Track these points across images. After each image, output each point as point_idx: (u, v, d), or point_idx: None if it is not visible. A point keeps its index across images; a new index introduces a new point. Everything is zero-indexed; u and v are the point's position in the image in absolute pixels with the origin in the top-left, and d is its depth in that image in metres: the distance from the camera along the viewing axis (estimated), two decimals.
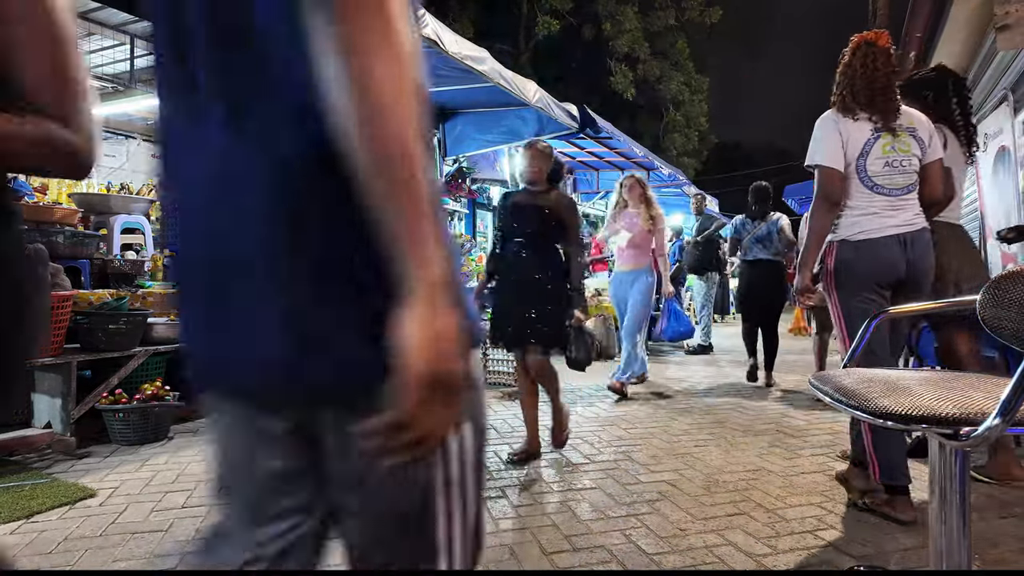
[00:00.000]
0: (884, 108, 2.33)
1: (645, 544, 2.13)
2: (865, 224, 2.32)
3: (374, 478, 0.71)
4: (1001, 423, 0.98)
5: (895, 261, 2.27)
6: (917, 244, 2.29)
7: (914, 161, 2.35)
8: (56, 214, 4.17)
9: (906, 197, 2.33)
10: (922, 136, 2.38)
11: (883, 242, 2.28)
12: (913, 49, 5.82)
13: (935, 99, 2.73)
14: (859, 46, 2.41)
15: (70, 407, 3.28)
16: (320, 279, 0.65)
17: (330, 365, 0.66)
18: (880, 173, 2.32)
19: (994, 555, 2.05)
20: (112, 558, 2.04)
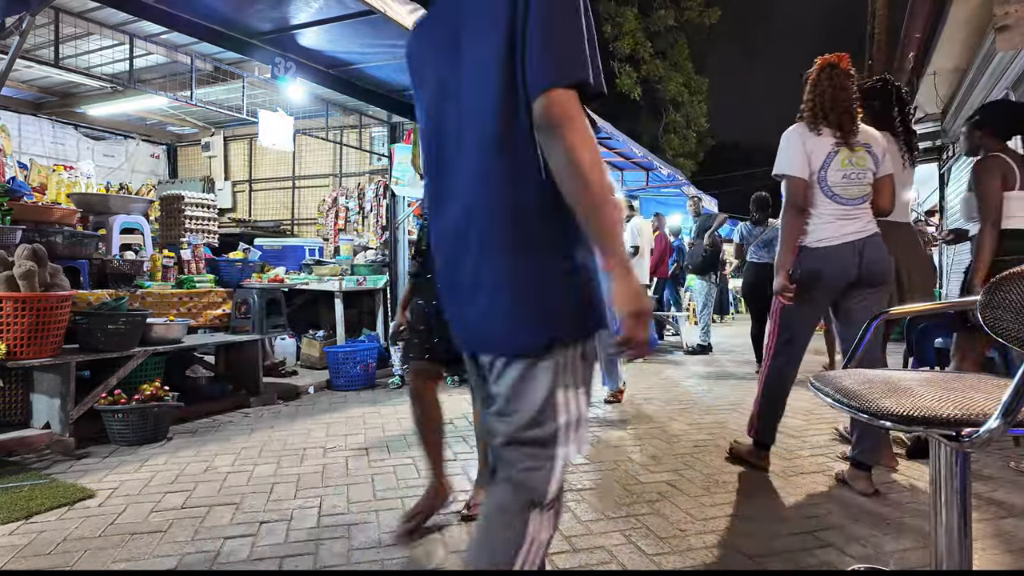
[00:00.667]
0: (847, 126, 2.59)
1: (645, 545, 2.13)
2: (824, 231, 2.60)
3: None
4: (1002, 424, 0.98)
5: (848, 266, 2.56)
6: (869, 248, 2.56)
7: (868, 175, 2.61)
8: (55, 214, 4.17)
9: (861, 206, 2.61)
10: (877, 152, 2.64)
11: (839, 248, 2.56)
12: (912, 49, 5.83)
13: (881, 108, 2.96)
14: (825, 67, 2.66)
15: (69, 407, 3.28)
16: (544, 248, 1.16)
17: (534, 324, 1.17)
18: (838, 184, 2.58)
19: (994, 555, 2.05)
20: (111, 559, 2.04)
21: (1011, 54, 4.29)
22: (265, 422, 3.95)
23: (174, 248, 5.36)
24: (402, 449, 3.31)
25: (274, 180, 8.17)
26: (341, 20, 4.00)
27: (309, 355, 5.83)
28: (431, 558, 2.06)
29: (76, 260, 4.07)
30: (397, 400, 4.64)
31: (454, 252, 1.23)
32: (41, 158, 6.80)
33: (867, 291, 2.61)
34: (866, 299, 2.62)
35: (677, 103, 20.17)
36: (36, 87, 6.42)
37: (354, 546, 2.12)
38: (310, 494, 2.63)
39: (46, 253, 3.36)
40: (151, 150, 8.41)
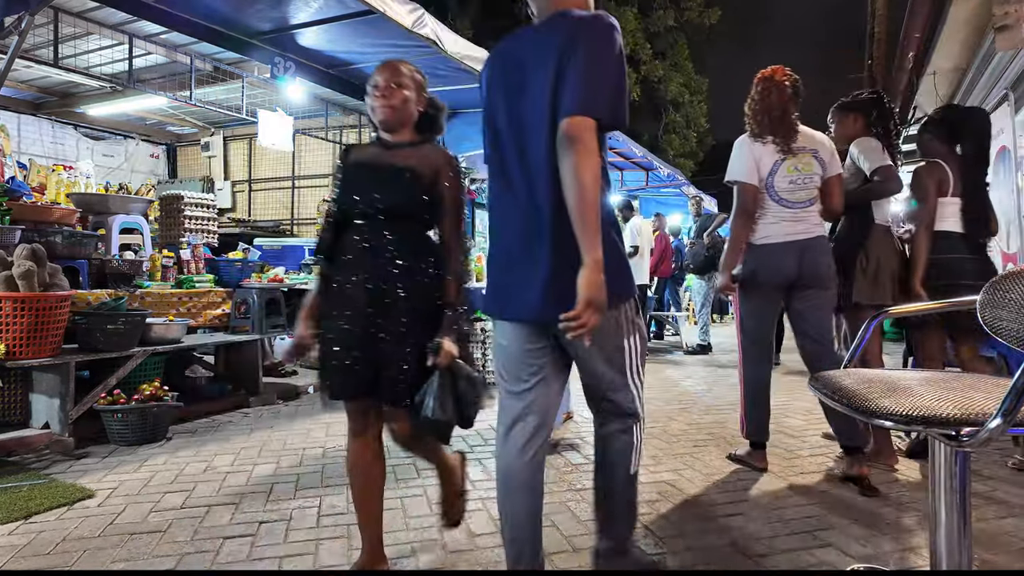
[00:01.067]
0: (783, 132, 2.74)
1: (644, 544, 2.13)
2: (769, 230, 2.76)
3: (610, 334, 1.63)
4: (1002, 424, 0.98)
5: (788, 265, 2.71)
6: (809, 250, 2.71)
7: (815, 178, 2.75)
8: (54, 214, 4.17)
9: (807, 209, 2.76)
10: (823, 156, 2.77)
11: (780, 247, 2.73)
12: (912, 49, 5.83)
13: (878, 118, 3.03)
14: (759, 81, 2.85)
15: (68, 407, 3.27)
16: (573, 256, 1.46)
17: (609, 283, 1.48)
18: (785, 189, 2.74)
19: (994, 555, 2.05)
20: (110, 559, 2.04)
21: (1010, 54, 4.29)
22: (264, 422, 3.95)
23: (173, 248, 5.36)
24: (400, 449, 3.30)
25: (274, 180, 8.16)
26: (340, 20, 4.00)
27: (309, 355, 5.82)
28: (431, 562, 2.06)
29: (75, 260, 4.06)
30: None
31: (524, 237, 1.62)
32: (40, 158, 6.79)
33: (813, 292, 2.75)
34: (813, 300, 2.75)
35: (677, 103, 20.17)
36: (35, 87, 6.42)
37: (354, 546, 2.12)
38: (309, 494, 2.63)
39: (45, 253, 3.36)
40: (150, 150, 8.40)
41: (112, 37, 4.78)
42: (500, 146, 1.68)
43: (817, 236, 2.76)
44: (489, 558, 2.03)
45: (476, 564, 2.00)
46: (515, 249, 1.65)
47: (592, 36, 1.49)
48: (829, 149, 2.81)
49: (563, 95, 1.46)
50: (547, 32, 1.57)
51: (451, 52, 4.09)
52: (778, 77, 2.81)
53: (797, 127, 2.78)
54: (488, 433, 3.64)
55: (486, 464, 3.03)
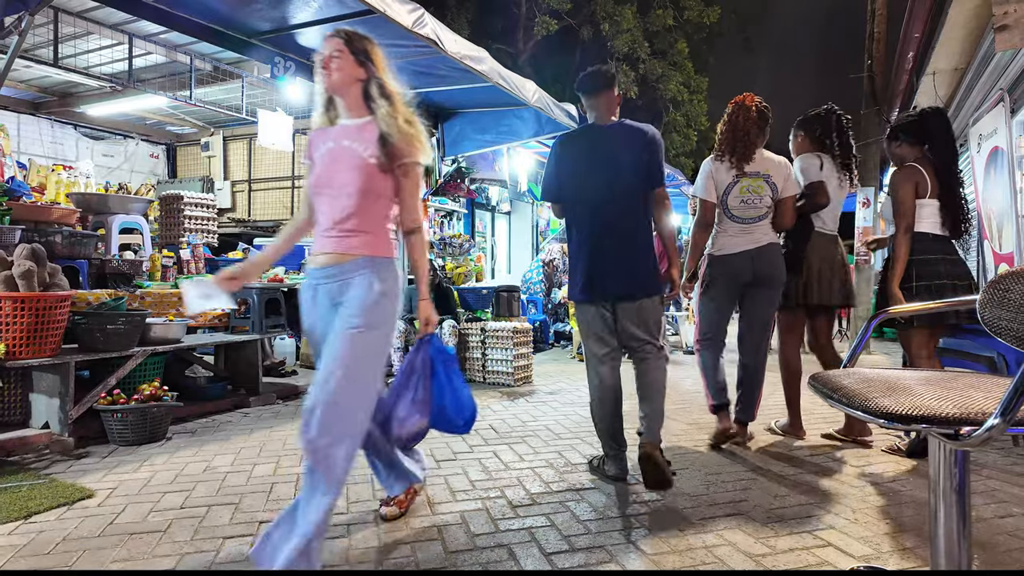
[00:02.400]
0: (742, 153, 3.14)
1: (644, 544, 2.13)
2: (724, 243, 3.24)
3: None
4: (1001, 423, 0.98)
5: (743, 270, 3.20)
6: (760, 257, 3.17)
7: (765, 199, 3.17)
8: (54, 214, 4.17)
9: (756, 224, 3.19)
10: (776, 181, 3.16)
11: (735, 257, 3.20)
12: (912, 49, 5.84)
13: (822, 133, 3.41)
14: (731, 104, 3.23)
15: (68, 407, 3.27)
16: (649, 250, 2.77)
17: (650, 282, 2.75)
18: (737, 207, 3.19)
19: (994, 555, 2.05)
20: (110, 559, 2.04)
21: (1009, 54, 4.30)
22: (264, 422, 3.95)
23: (173, 248, 5.36)
24: None
25: (273, 180, 8.16)
26: (341, 20, 4.00)
27: (308, 355, 5.83)
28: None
29: (75, 260, 4.07)
30: None
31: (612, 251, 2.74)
32: (40, 158, 6.79)
33: (761, 290, 3.23)
34: (761, 296, 3.25)
35: (677, 102, 20.17)
36: (35, 87, 6.42)
37: (353, 545, 2.12)
38: None
39: (45, 253, 3.36)
40: (150, 150, 8.40)
41: (112, 37, 4.78)
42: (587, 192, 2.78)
43: (767, 244, 3.19)
44: (489, 558, 2.03)
45: (475, 564, 2.00)
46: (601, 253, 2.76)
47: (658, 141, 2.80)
48: (783, 174, 3.18)
49: (652, 175, 2.76)
50: (626, 132, 2.81)
51: (451, 52, 4.09)
52: (747, 103, 3.17)
53: (755, 150, 3.16)
54: (487, 433, 3.64)
55: (486, 464, 3.03)
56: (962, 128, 6.08)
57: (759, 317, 3.28)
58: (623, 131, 2.79)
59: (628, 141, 2.75)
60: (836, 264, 3.35)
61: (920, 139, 3.16)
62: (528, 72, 14.90)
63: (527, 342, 5.45)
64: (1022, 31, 3.26)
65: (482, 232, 9.70)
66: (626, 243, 2.72)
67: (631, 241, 2.72)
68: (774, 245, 3.21)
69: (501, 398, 4.71)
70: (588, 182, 2.76)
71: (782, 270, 3.22)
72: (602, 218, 2.74)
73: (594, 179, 2.75)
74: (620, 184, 2.72)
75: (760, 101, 3.17)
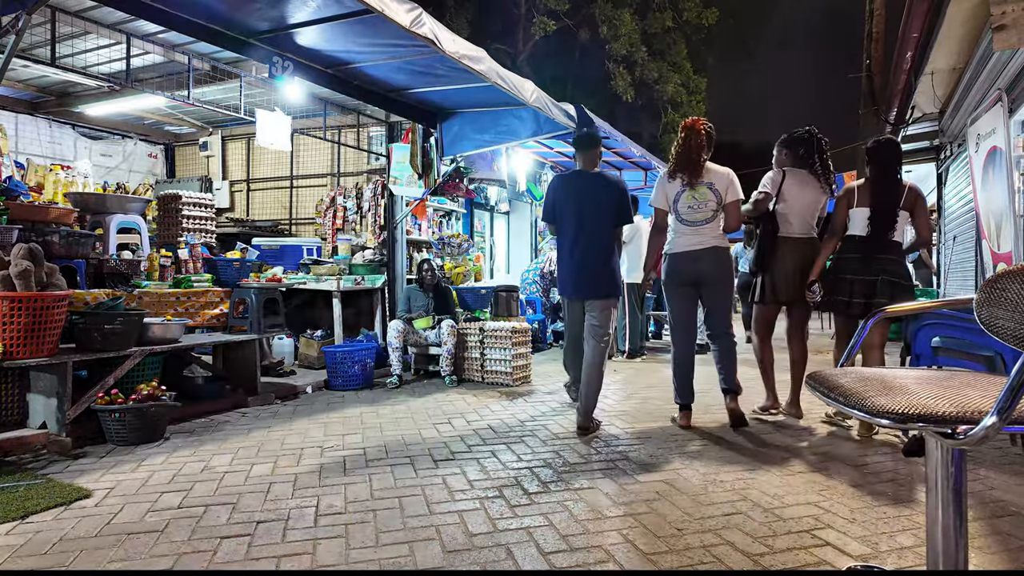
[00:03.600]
0: (691, 171, 3.71)
1: (642, 544, 2.13)
2: (676, 242, 3.81)
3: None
4: (997, 421, 0.98)
5: (688, 268, 3.75)
6: (702, 258, 3.71)
7: (711, 204, 3.70)
8: (52, 214, 4.16)
9: (702, 227, 3.72)
10: (719, 188, 3.70)
11: (682, 255, 3.77)
12: (910, 49, 5.84)
13: (805, 153, 3.90)
14: (683, 128, 3.79)
15: (66, 407, 3.27)
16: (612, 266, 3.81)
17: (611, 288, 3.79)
18: (685, 212, 3.74)
19: (991, 554, 2.05)
20: (107, 559, 2.03)
21: (1008, 53, 4.30)
22: (262, 422, 3.95)
23: (171, 248, 5.36)
24: (400, 448, 3.31)
25: (272, 180, 8.15)
26: (339, 19, 3.98)
27: (307, 355, 5.83)
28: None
29: (73, 260, 4.06)
30: (395, 400, 4.64)
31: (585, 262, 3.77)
32: (38, 158, 6.78)
33: (712, 287, 3.77)
34: (712, 290, 3.79)
35: (676, 103, 20.18)
36: (33, 86, 6.40)
37: (352, 546, 2.12)
38: (307, 494, 2.63)
39: (43, 252, 3.36)
40: (149, 149, 8.38)
41: (110, 36, 4.77)
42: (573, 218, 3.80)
43: (711, 247, 3.71)
44: (488, 558, 2.03)
45: (474, 564, 2.00)
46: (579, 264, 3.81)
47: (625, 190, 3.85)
48: (726, 182, 3.71)
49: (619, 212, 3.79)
50: (604, 181, 3.86)
51: (449, 52, 4.08)
52: (697, 127, 3.74)
53: (702, 166, 3.72)
54: (486, 433, 3.64)
55: (485, 464, 3.03)
56: (960, 128, 6.08)
57: (717, 304, 3.84)
58: (601, 179, 3.87)
59: (604, 186, 3.83)
60: (806, 265, 3.78)
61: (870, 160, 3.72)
62: (527, 72, 14.90)
63: (526, 342, 5.45)
64: (1020, 31, 3.26)
65: (481, 232, 9.68)
66: (595, 257, 3.78)
67: (598, 256, 3.77)
68: (718, 248, 3.75)
69: (500, 398, 4.71)
70: (573, 211, 3.81)
71: (724, 268, 3.77)
72: (581, 237, 3.79)
73: (577, 209, 3.80)
74: (595, 215, 3.78)
75: (707, 124, 3.78)
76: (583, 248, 3.76)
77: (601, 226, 3.77)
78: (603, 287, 3.75)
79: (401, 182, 6.25)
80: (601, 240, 3.76)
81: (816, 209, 3.88)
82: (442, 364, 5.36)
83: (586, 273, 3.78)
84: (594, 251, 3.75)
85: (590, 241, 3.76)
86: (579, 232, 3.77)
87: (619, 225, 3.84)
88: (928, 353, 3.84)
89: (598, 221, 3.76)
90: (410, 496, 2.59)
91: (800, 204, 3.83)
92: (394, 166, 6.29)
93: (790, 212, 3.84)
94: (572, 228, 3.79)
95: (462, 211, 8.62)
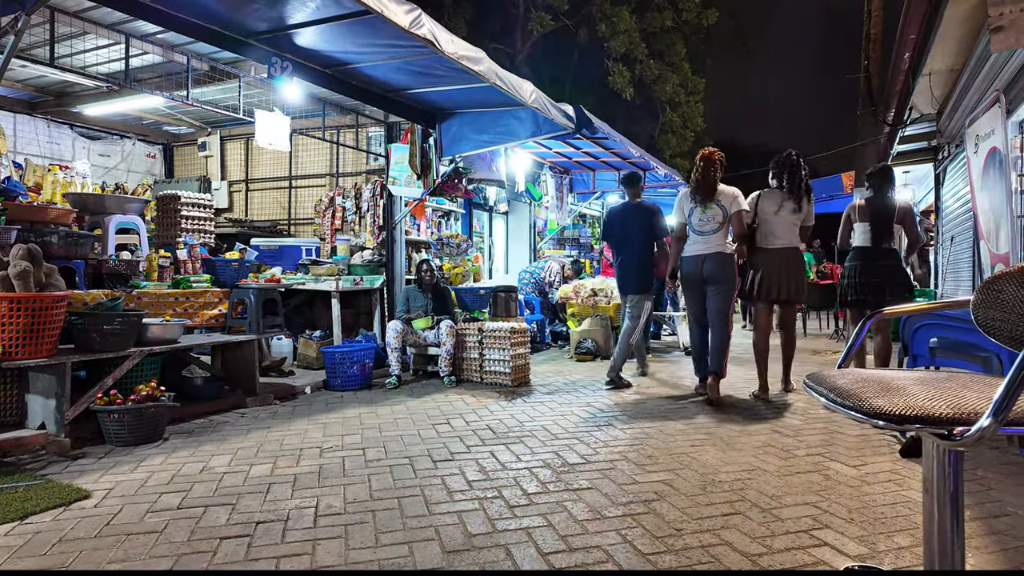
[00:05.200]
0: (705, 192, 4.53)
1: (641, 544, 2.13)
2: (688, 248, 4.63)
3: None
4: (993, 423, 0.99)
5: (696, 269, 4.56)
6: (708, 261, 4.49)
7: (717, 218, 4.50)
8: (50, 214, 4.16)
9: (710, 236, 4.52)
10: (724, 204, 4.51)
11: (692, 258, 4.58)
12: (908, 50, 5.85)
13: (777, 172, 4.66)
14: (700, 158, 4.60)
15: (64, 408, 3.27)
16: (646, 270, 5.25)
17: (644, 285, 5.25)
18: (696, 224, 4.57)
19: (988, 554, 2.06)
20: (107, 559, 2.04)
21: (1005, 55, 4.31)
22: (261, 422, 3.95)
23: (170, 248, 5.35)
24: (399, 449, 3.31)
25: (271, 180, 8.15)
26: (338, 20, 3.99)
27: (306, 355, 5.83)
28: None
29: (72, 260, 4.06)
30: (394, 400, 4.64)
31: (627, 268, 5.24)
32: (36, 158, 6.78)
33: (714, 287, 4.51)
34: (714, 290, 4.52)
35: (674, 103, 20.18)
36: (31, 86, 6.39)
37: (351, 546, 2.12)
38: (307, 494, 2.63)
39: (41, 253, 3.35)
40: (147, 149, 8.38)
41: (108, 37, 4.76)
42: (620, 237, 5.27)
43: (715, 252, 4.48)
44: (487, 558, 2.04)
45: (473, 564, 2.00)
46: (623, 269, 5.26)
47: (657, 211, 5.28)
48: (731, 200, 4.51)
49: (654, 229, 5.20)
50: (643, 208, 5.28)
51: (448, 52, 4.09)
52: (713, 158, 4.55)
53: (716, 188, 4.52)
54: (485, 434, 3.65)
55: (483, 464, 3.04)
56: (958, 128, 6.10)
57: (715, 305, 4.55)
58: (641, 206, 5.28)
59: (642, 212, 5.24)
60: (788, 269, 4.53)
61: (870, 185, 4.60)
62: (525, 72, 14.90)
63: (524, 342, 5.45)
64: (1017, 32, 3.26)
65: (479, 232, 9.69)
66: (633, 264, 5.19)
67: (634, 263, 5.18)
68: (722, 253, 4.48)
69: (498, 398, 4.72)
70: (620, 232, 5.30)
71: (726, 270, 4.49)
72: (625, 250, 5.24)
73: (623, 230, 5.26)
74: (635, 234, 5.19)
75: (720, 154, 4.58)
76: (625, 258, 5.21)
77: (639, 242, 5.14)
78: (637, 284, 5.19)
79: (400, 182, 6.26)
80: (638, 252, 5.15)
81: (793, 222, 4.57)
82: (441, 364, 5.37)
83: (627, 275, 5.21)
84: (632, 260, 5.17)
85: (630, 253, 5.18)
86: (623, 246, 5.22)
87: (656, 239, 5.18)
88: (925, 353, 3.85)
89: (637, 238, 5.15)
90: (409, 496, 2.60)
91: (774, 219, 4.57)
92: (393, 166, 6.29)
93: (768, 227, 4.60)
94: (620, 244, 5.27)
95: (461, 211, 8.63)
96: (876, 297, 4.24)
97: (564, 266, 8.50)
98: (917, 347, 3.84)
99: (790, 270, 4.53)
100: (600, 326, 6.94)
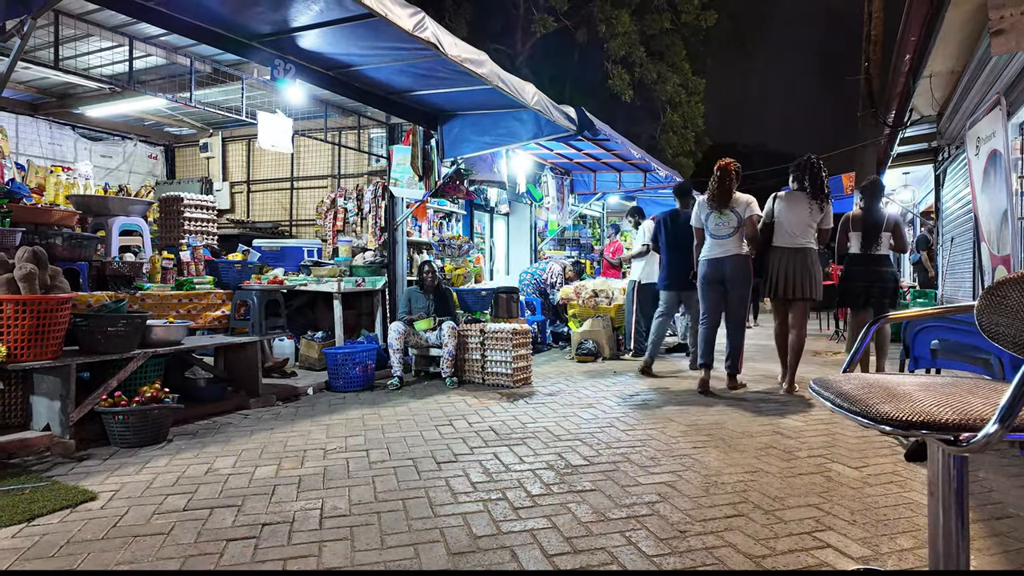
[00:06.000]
0: (720, 200, 4.80)
1: (645, 546, 2.14)
2: (706, 251, 4.91)
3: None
4: (1000, 429, 1.00)
5: (715, 271, 4.85)
6: (725, 263, 4.81)
7: (732, 223, 4.78)
8: (54, 216, 4.17)
9: (725, 240, 4.80)
10: (739, 210, 4.78)
11: (709, 260, 4.88)
12: (908, 52, 5.86)
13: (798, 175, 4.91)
14: (718, 168, 4.86)
15: (69, 409, 3.28)
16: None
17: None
18: (713, 228, 4.86)
19: (992, 556, 2.07)
20: (114, 561, 2.05)
21: (1005, 58, 4.32)
22: (265, 424, 3.96)
23: (173, 250, 5.37)
24: (402, 450, 3.32)
25: (272, 181, 8.16)
26: (341, 23, 4.00)
27: (308, 356, 5.84)
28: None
29: (76, 262, 4.07)
30: (396, 401, 4.65)
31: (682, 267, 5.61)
32: (38, 159, 6.78)
33: (730, 286, 4.84)
34: (731, 292, 4.86)
35: (675, 103, 20.20)
36: (34, 88, 6.40)
37: (357, 548, 2.13)
38: (312, 496, 2.65)
39: (46, 255, 3.37)
40: (149, 151, 8.39)
41: (112, 39, 4.77)
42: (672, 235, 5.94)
43: (732, 255, 4.79)
44: (492, 560, 2.05)
45: (478, 565, 2.01)
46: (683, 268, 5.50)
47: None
48: (744, 206, 4.79)
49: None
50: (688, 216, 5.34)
51: (451, 55, 4.10)
52: (730, 169, 4.82)
53: (732, 196, 4.79)
54: (487, 435, 3.66)
55: (487, 466, 3.05)
56: (959, 130, 6.11)
57: (732, 307, 4.92)
58: (687, 215, 5.45)
59: (687, 220, 5.35)
60: (801, 268, 4.75)
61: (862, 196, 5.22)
62: (525, 73, 14.92)
63: (526, 343, 5.47)
64: (1018, 35, 3.27)
65: (480, 233, 9.71)
66: (686, 266, 5.38)
67: (688, 266, 5.31)
68: (738, 255, 4.80)
69: (500, 399, 4.73)
70: (669, 235, 5.96)
71: (742, 272, 4.81)
72: (675, 250, 5.84)
73: (673, 235, 5.90)
74: (682, 236, 5.60)
75: (736, 165, 4.85)
76: (675, 260, 5.81)
77: (686, 246, 5.41)
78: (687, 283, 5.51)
79: (402, 184, 6.27)
80: (686, 255, 5.43)
81: (809, 223, 4.80)
82: (443, 365, 5.38)
83: (676, 275, 5.82)
84: (682, 262, 5.57)
85: (678, 255, 5.72)
86: (674, 247, 5.86)
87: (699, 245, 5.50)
88: (927, 355, 3.87)
89: (685, 242, 5.45)
90: (414, 498, 2.61)
91: (790, 221, 4.82)
92: (395, 168, 6.30)
93: (783, 228, 4.84)
94: (670, 244, 5.94)
95: (462, 213, 8.64)
96: (867, 296, 4.93)
97: (565, 267, 8.51)
98: (919, 349, 3.86)
99: (804, 268, 4.76)
100: (601, 327, 6.95)
